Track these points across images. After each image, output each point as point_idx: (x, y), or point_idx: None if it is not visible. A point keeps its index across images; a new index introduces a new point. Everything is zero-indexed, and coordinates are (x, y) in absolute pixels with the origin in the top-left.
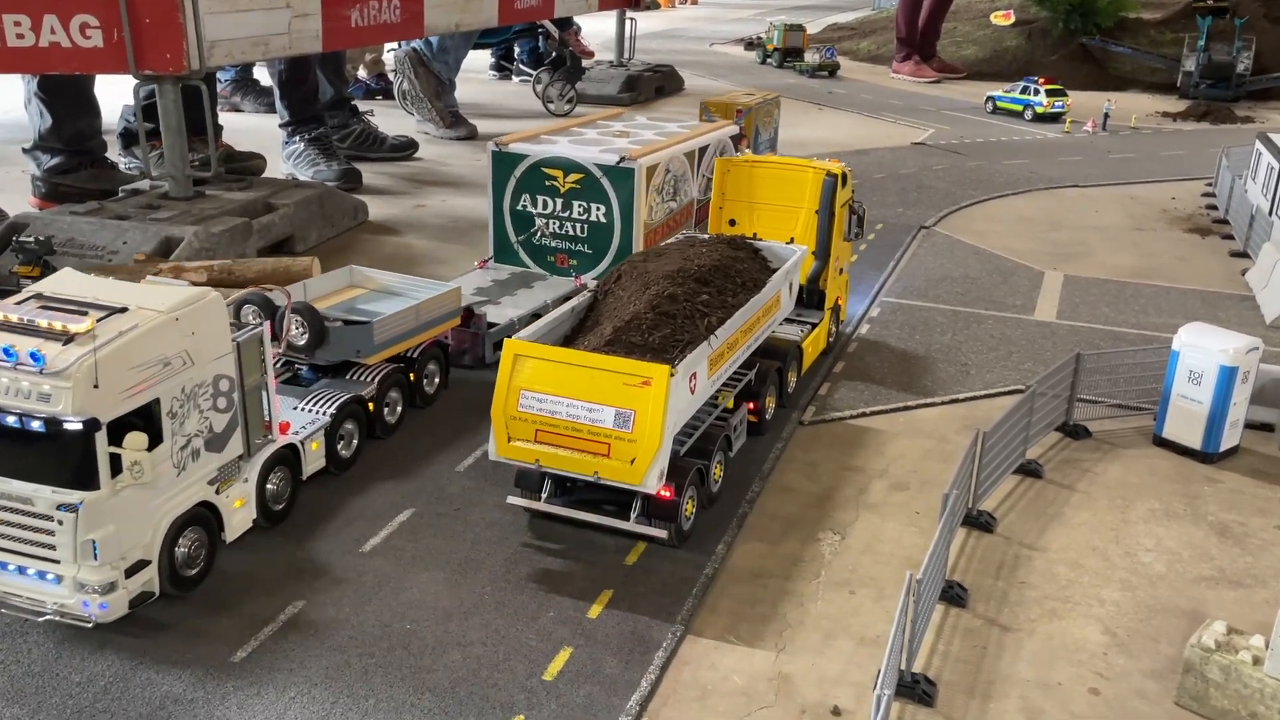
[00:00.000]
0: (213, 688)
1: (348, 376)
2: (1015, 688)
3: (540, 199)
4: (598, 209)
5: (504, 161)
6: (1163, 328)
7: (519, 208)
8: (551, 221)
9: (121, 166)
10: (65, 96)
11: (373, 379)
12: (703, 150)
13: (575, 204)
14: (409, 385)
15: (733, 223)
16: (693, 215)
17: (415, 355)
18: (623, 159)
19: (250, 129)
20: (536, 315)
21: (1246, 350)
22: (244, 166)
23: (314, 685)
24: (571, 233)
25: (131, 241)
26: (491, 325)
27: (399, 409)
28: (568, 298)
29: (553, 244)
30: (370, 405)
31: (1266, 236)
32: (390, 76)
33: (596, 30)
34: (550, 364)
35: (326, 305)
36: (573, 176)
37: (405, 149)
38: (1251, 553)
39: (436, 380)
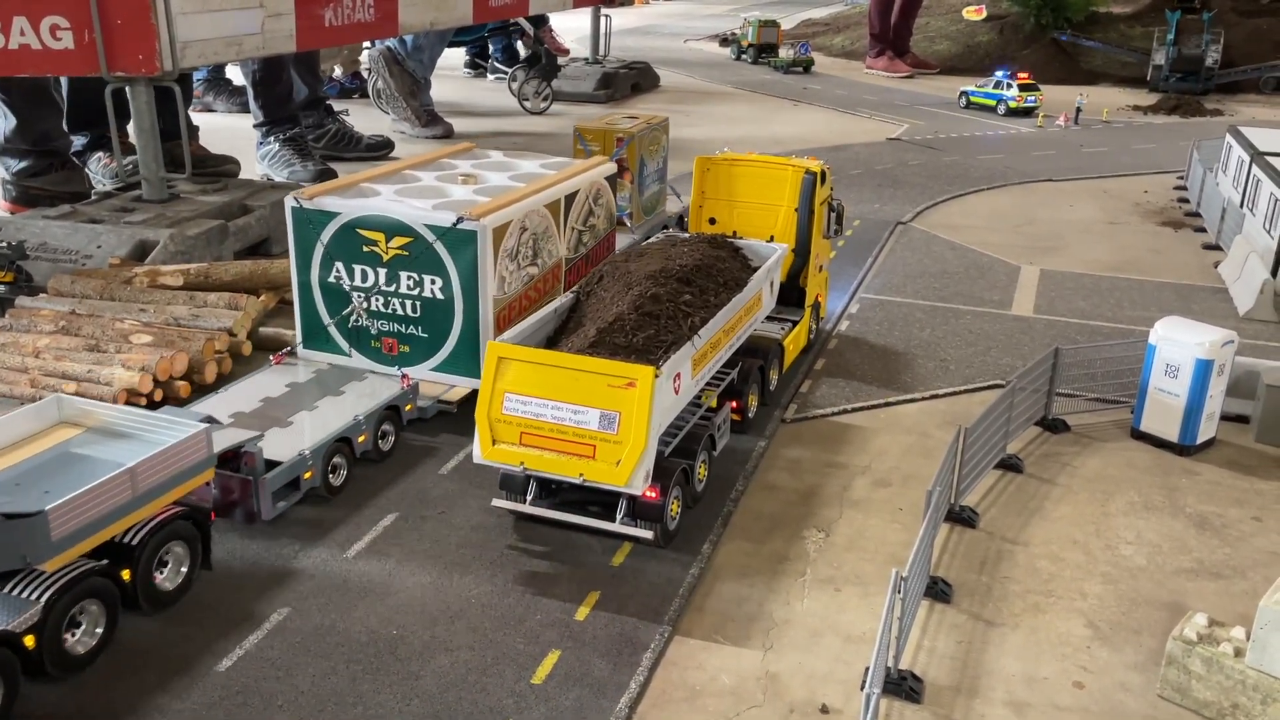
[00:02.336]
0: (198, 698)
1: (5, 590)
2: (1001, 682)
3: (358, 269)
4: (432, 282)
5: (308, 221)
6: (1138, 321)
7: (331, 280)
8: (374, 298)
9: (92, 177)
10: (27, 97)
11: (40, 594)
12: (571, 197)
13: (404, 275)
14: (122, 590)
15: (713, 221)
16: (561, 279)
17: (136, 539)
18: (461, 219)
19: (223, 129)
20: (346, 440)
21: (1222, 343)
22: (217, 171)
23: (301, 693)
24: (401, 312)
25: (106, 245)
26: (272, 465)
27: (99, 629)
28: (393, 406)
29: (378, 326)
30: (30, 640)
31: (1238, 229)
32: (365, 75)
33: (572, 27)
34: (534, 366)
35: (15, 459)
36: (398, 241)
37: (381, 148)
38: (1230, 544)
39: (183, 569)
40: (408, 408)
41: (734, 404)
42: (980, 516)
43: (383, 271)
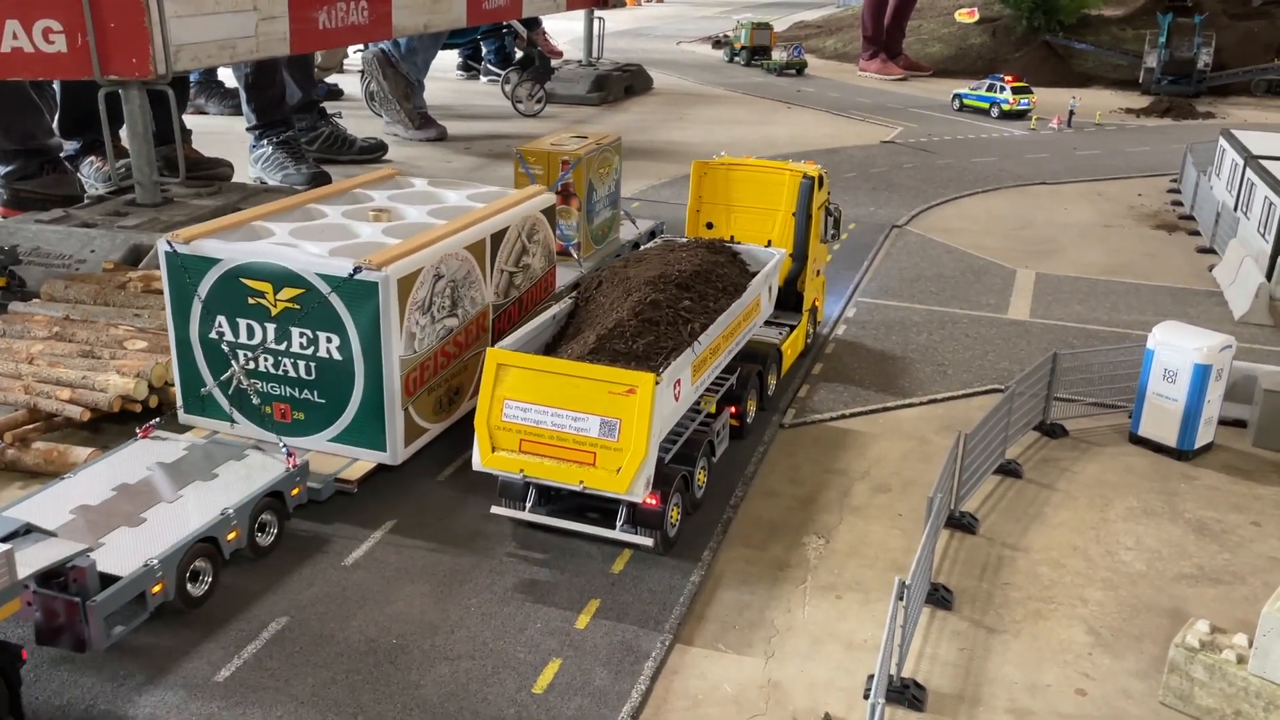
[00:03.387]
0: (197, 709)
1: None
2: (1004, 690)
3: (243, 324)
4: (328, 340)
5: (183, 268)
6: (1135, 325)
7: (212, 336)
8: (263, 357)
9: (84, 181)
10: (5, 98)
11: None
12: (499, 236)
13: (295, 332)
14: None
15: (710, 226)
16: (489, 329)
17: None
18: (358, 268)
19: (216, 131)
20: (211, 540)
21: (1220, 348)
22: (210, 174)
23: (301, 704)
24: (293, 374)
25: (99, 249)
26: (110, 581)
27: None
28: (275, 493)
29: (267, 389)
30: None
31: (1232, 233)
32: (328, 81)
33: (564, 29)
34: (534, 373)
35: None
36: (288, 292)
37: (374, 151)
38: (1230, 549)
39: None
40: (294, 492)
41: (733, 410)
42: (980, 522)
43: (271, 327)
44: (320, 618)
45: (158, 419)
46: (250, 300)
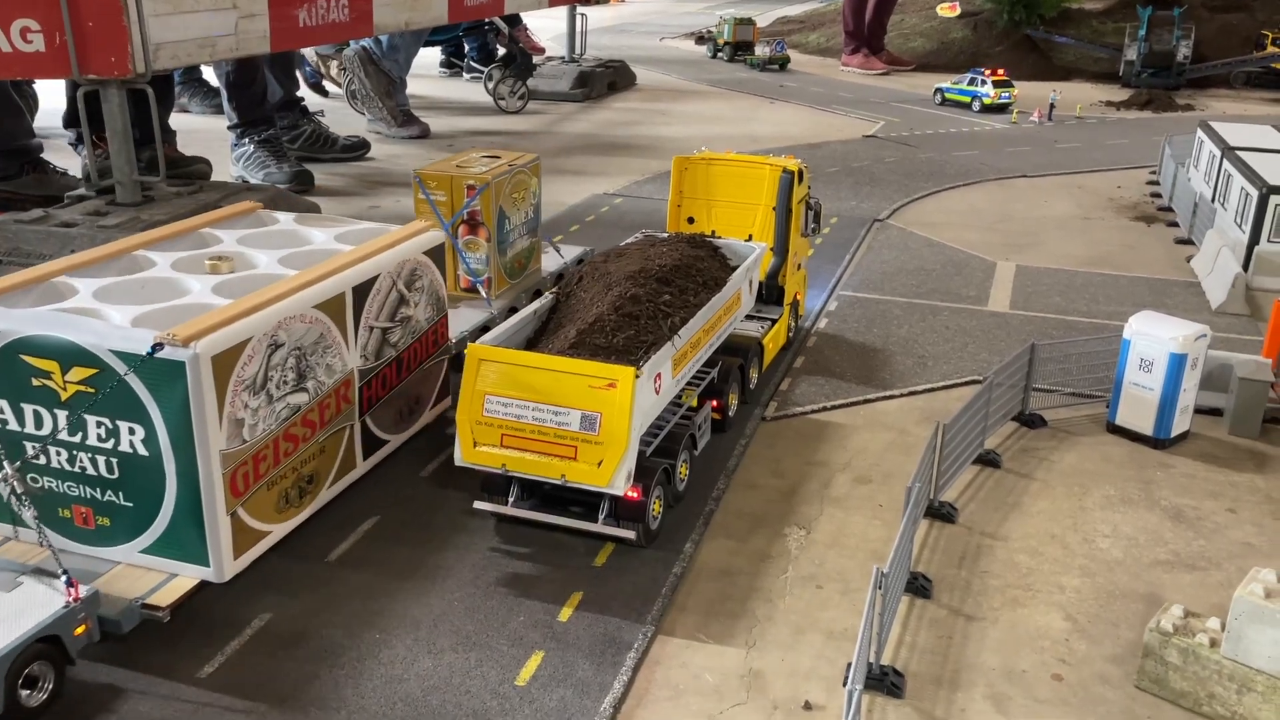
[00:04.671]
0: (180, 705)
1: None
2: (981, 676)
3: (29, 410)
4: (131, 432)
5: None
6: (1113, 315)
7: None
8: (55, 451)
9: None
10: None
11: None
12: (365, 287)
13: (91, 421)
14: None
15: (691, 220)
16: (354, 399)
17: None
18: (159, 345)
19: (198, 130)
20: None
21: (1195, 338)
22: (188, 171)
23: (284, 699)
24: (93, 471)
25: (79, 249)
26: None
27: None
28: (50, 637)
29: (64, 489)
30: None
31: (1210, 224)
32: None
33: (547, 26)
34: (514, 368)
35: None
36: (79, 373)
37: (357, 149)
38: (1205, 536)
39: None
40: (77, 631)
41: (715, 403)
42: (959, 512)
43: (62, 414)
44: (303, 613)
45: None
46: (35, 381)
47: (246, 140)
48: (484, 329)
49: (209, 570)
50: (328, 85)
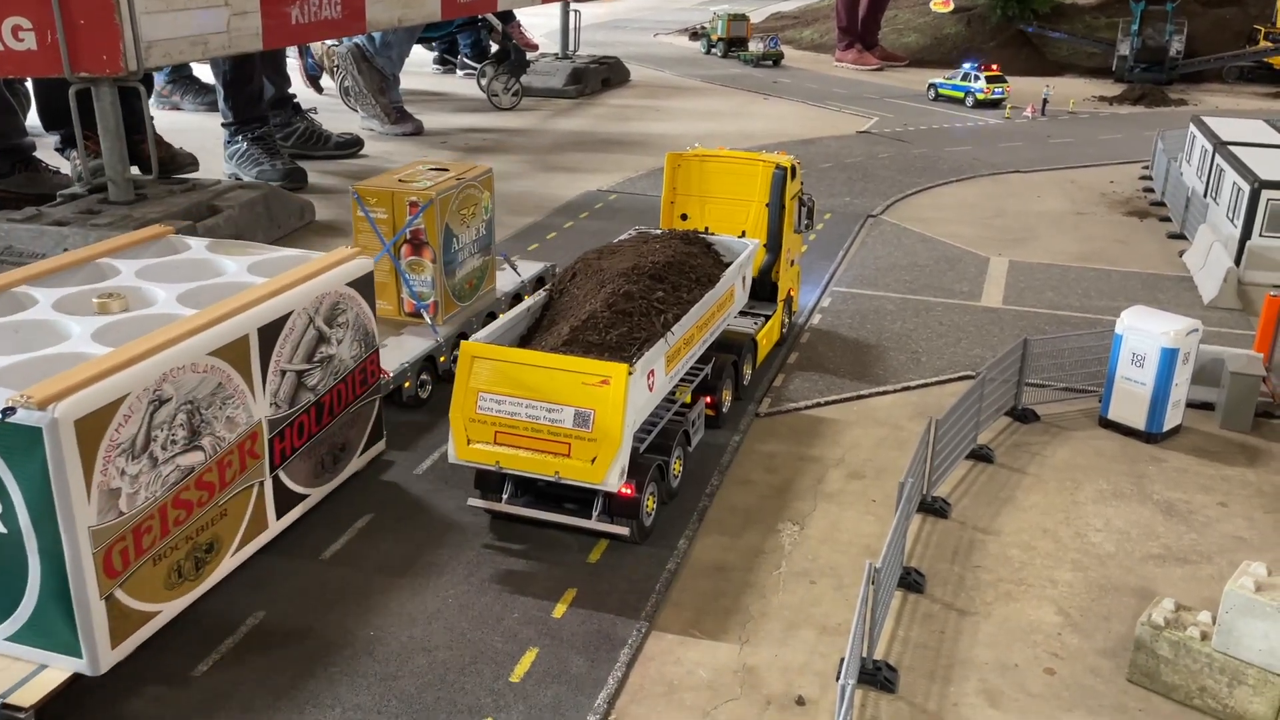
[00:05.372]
0: (174, 704)
1: None
2: (974, 670)
3: None
4: None
5: None
6: (1106, 310)
7: None
8: None
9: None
10: None
11: None
12: (275, 326)
13: None
14: None
15: (684, 217)
16: (263, 454)
17: None
18: (10, 408)
19: (191, 128)
20: None
21: (1187, 332)
22: (170, 162)
23: (279, 697)
24: None
25: (72, 248)
26: None
27: None
28: None
29: None
30: None
31: (1202, 218)
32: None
33: (540, 22)
34: (508, 365)
35: None
36: None
37: (350, 146)
38: (1196, 530)
39: None
40: None
41: (708, 399)
42: (952, 507)
43: None
44: (298, 611)
45: None
46: None
47: (240, 138)
48: (428, 360)
49: (82, 662)
50: (325, 81)
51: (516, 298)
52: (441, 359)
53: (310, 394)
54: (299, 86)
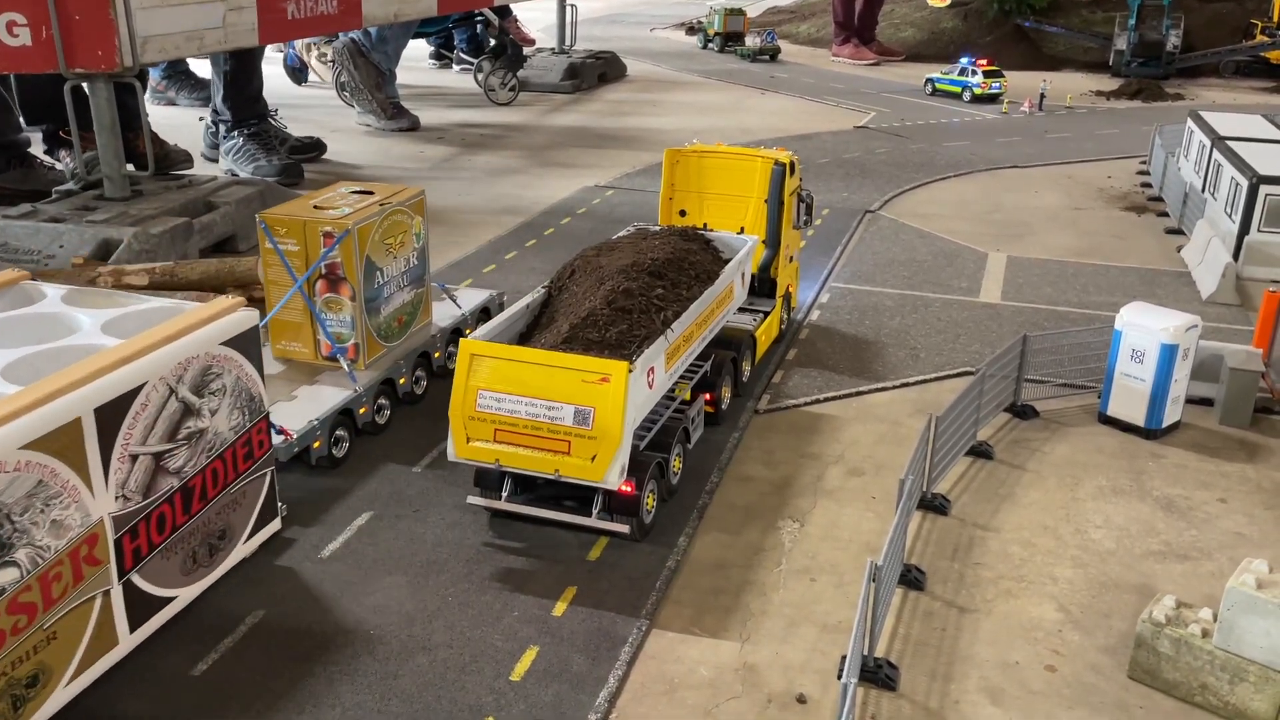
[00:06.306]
0: (174, 703)
1: None
2: (975, 668)
3: None
4: None
5: None
6: (1104, 306)
7: None
8: None
9: (60, 166)
10: None
11: None
12: (124, 401)
13: None
14: None
15: (683, 213)
16: (107, 557)
17: None
18: None
19: (186, 125)
20: None
21: (1186, 328)
22: (171, 164)
23: (279, 696)
24: None
25: (68, 245)
26: None
27: None
28: None
29: None
30: None
31: (1200, 213)
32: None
33: (537, 17)
34: (507, 363)
35: None
36: None
37: (309, 150)
38: (1196, 526)
39: None
40: None
41: (708, 396)
42: (952, 503)
43: None
44: (297, 611)
45: None
46: None
47: (236, 134)
48: (344, 412)
49: None
50: (311, 74)
51: (457, 333)
52: (362, 410)
53: (174, 479)
54: (285, 82)
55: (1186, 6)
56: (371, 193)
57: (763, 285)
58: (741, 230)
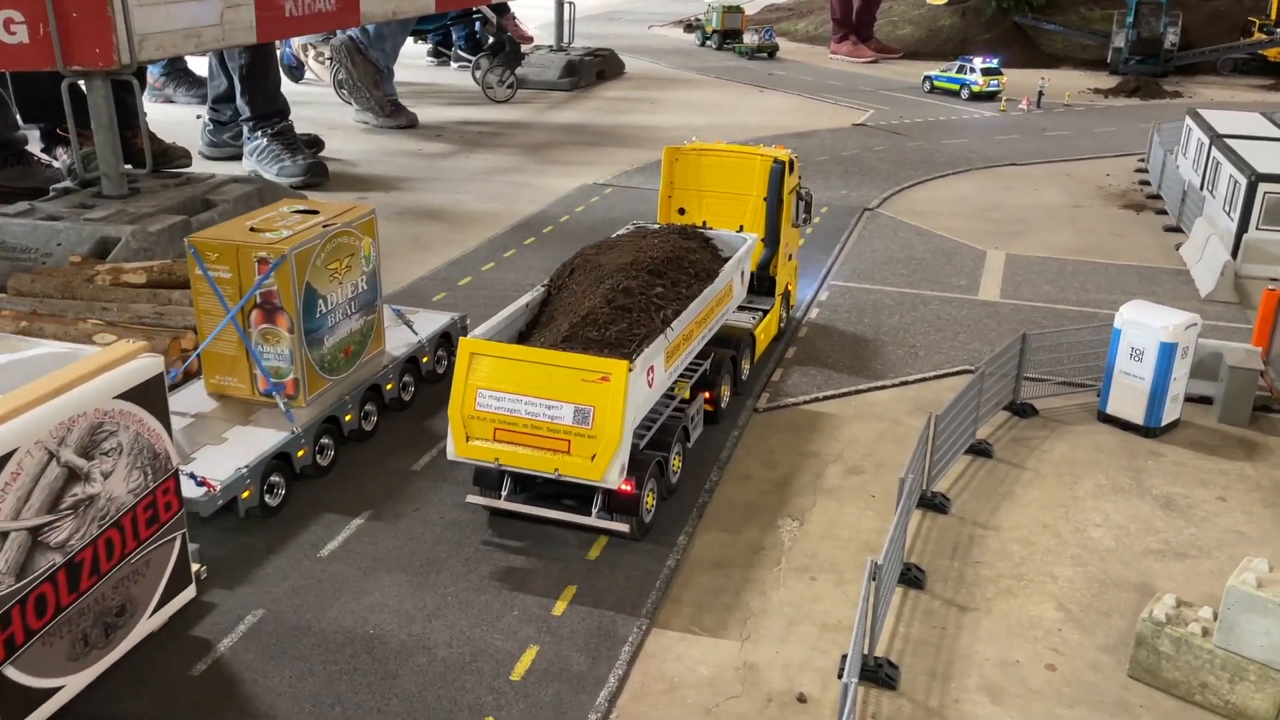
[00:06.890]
0: (173, 703)
1: None
2: (975, 667)
3: None
4: None
5: None
6: (1103, 304)
7: None
8: None
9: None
10: None
11: None
12: None
13: None
14: None
15: (682, 211)
16: None
17: None
18: None
19: (184, 122)
20: None
21: (1185, 326)
22: (169, 162)
23: (278, 696)
24: None
25: (66, 243)
26: None
27: None
28: None
29: None
30: None
31: (1199, 212)
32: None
33: (535, 15)
34: (507, 362)
35: None
36: None
37: (308, 148)
38: (1195, 524)
39: None
40: None
41: (707, 395)
42: (951, 502)
43: None
44: (296, 610)
45: None
46: None
47: (259, 133)
48: (280, 456)
49: None
50: (308, 73)
51: (412, 361)
52: (300, 452)
53: (56, 554)
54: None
55: (1184, 4)
56: (316, 212)
57: (762, 283)
58: (740, 228)
